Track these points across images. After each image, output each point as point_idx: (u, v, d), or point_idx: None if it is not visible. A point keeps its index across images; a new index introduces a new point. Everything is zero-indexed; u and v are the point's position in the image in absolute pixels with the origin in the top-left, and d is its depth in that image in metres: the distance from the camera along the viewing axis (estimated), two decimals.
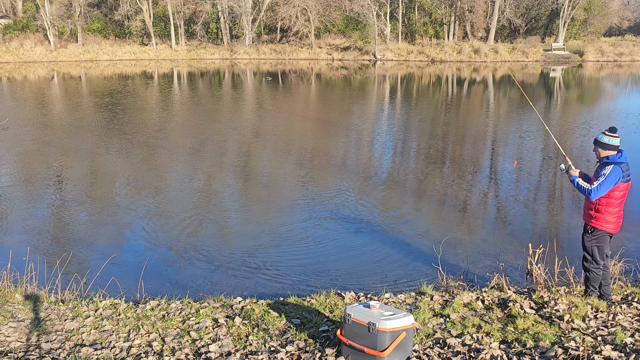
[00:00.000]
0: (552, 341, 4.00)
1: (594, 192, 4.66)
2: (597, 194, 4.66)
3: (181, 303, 4.96)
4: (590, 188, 4.68)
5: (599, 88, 27.46)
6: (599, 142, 4.76)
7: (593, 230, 4.83)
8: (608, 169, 4.66)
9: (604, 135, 4.76)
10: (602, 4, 45.63)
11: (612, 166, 4.66)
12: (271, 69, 36.40)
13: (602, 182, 4.64)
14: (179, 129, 15.75)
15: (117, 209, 8.54)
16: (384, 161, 12.09)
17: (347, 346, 3.76)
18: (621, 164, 4.67)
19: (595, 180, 4.71)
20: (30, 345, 4.12)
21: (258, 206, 8.66)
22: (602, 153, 4.76)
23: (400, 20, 43.40)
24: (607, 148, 4.73)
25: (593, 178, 4.81)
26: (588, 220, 4.87)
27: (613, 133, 4.74)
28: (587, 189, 4.70)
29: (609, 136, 4.73)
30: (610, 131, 4.75)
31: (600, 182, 4.64)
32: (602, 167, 4.73)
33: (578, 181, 4.79)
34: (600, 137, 4.75)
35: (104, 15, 45.50)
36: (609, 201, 4.73)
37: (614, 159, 4.71)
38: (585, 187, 4.71)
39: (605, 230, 4.84)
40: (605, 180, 4.63)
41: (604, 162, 4.73)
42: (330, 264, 6.39)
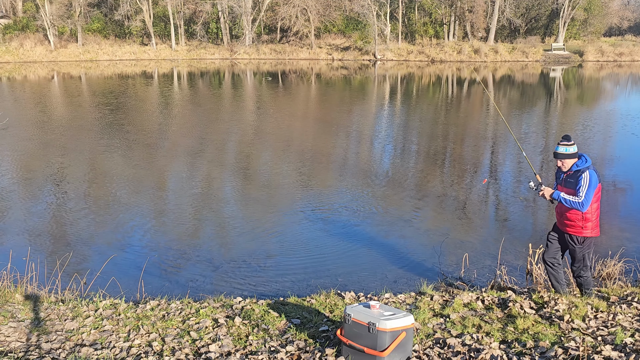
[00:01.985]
0: (552, 341, 4.00)
1: (585, 203, 4.58)
2: (587, 204, 4.59)
3: (181, 303, 4.96)
4: (580, 200, 4.58)
5: (599, 88, 27.46)
6: (564, 154, 4.72)
7: (584, 240, 4.79)
8: (585, 176, 4.62)
9: (563, 145, 4.72)
10: (602, 4, 45.63)
11: (587, 171, 4.62)
12: (271, 69, 36.40)
13: (587, 191, 4.58)
14: (178, 129, 15.75)
15: (117, 208, 8.54)
16: (383, 161, 12.09)
17: (347, 346, 3.76)
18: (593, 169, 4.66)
19: (578, 191, 4.61)
20: (30, 345, 4.12)
21: (258, 206, 8.66)
22: (568, 164, 4.73)
23: (400, 20, 43.40)
24: (572, 157, 4.70)
25: (570, 190, 4.70)
26: (577, 232, 4.78)
27: (569, 141, 4.72)
28: (577, 202, 4.60)
29: (566, 145, 4.71)
30: (566, 140, 4.73)
31: (586, 191, 4.58)
32: (576, 175, 4.67)
33: (564, 197, 4.68)
34: (565, 149, 4.71)
35: (104, 15, 45.50)
36: (595, 206, 4.71)
37: (584, 165, 4.67)
38: (575, 201, 4.61)
39: (596, 236, 4.83)
40: (589, 188, 4.58)
41: (575, 170, 4.69)
42: (330, 264, 6.39)
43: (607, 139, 14.11)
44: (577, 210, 4.64)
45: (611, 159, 11.90)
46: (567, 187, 4.75)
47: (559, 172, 4.91)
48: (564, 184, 4.80)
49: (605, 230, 7.41)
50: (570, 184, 4.72)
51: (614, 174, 10.48)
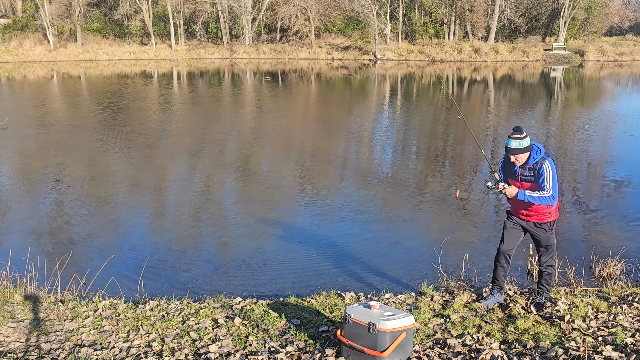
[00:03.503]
0: (553, 341, 4.00)
1: (555, 195, 4.38)
2: (556, 195, 4.40)
3: (181, 303, 4.95)
4: (550, 194, 4.37)
5: (599, 88, 27.45)
6: (518, 149, 4.41)
7: (553, 224, 4.63)
8: (547, 167, 4.40)
9: (515, 139, 4.42)
10: (603, 4, 45.63)
11: (546, 161, 4.40)
12: (271, 68, 36.39)
13: (553, 182, 4.39)
14: (178, 128, 15.74)
15: (116, 208, 8.53)
16: (384, 161, 12.09)
17: (347, 346, 3.75)
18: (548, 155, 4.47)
19: (543, 184, 4.38)
20: (29, 346, 4.11)
21: (258, 206, 8.65)
22: (523, 158, 4.46)
23: (401, 20, 43.39)
24: (527, 150, 4.43)
25: (530, 185, 4.47)
26: (545, 219, 4.59)
27: (521, 133, 4.43)
28: (548, 197, 4.38)
29: (519, 138, 4.41)
30: (517, 132, 4.43)
31: (552, 182, 4.38)
32: (535, 168, 4.43)
33: (531, 195, 4.41)
34: (519, 144, 4.41)
35: (103, 15, 45.49)
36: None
37: (540, 155, 4.44)
38: (545, 196, 4.38)
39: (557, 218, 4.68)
40: (553, 177, 4.39)
41: (532, 163, 4.44)
42: (330, 264, 6.38)
43: (607, 139, 14.10)
44: (547, 204, 4.43)
45: (611, 159, 11.89)
46: (525, 181, 4.51)
47: (510, 166, 4.61)
48: (521, 179, 4.54)
49: (606, 230, 7.42)
50: (529, 177, 4.48)
51: (614, 174, 10.48)
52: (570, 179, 10.34)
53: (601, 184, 9.88)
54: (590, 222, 7.83)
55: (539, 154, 4.44)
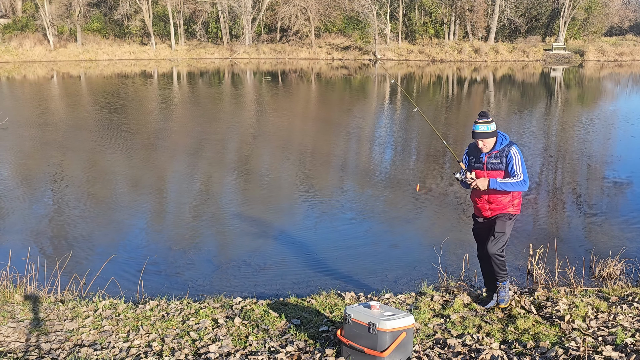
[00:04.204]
0: (553, 341, 3.99)
1: (526, 179, 4.24)
2: (527, 180, 4.26)
3: (181, 303, 4.95)
4: (522, 178, 4.22)
5: (599, 88, 27.45)
6: (485, 133, 4.27)
7: (512, 217, 4.47)
8: (515, 152, 4.27)
9: (482, 123, 4.29)
10: (603, 4, 45.62)
11: (513, 147, 4.30)
12: (271, 68, 36.38)
13: (523, 167, 4.26)
14: (178, 128, 15.74)
15: (117, 208, 8.53)
16: (384, 161, 12.08)
17: (347, 346, 3.75)
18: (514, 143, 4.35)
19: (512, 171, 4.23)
20: (29, 346, 4.11)
21: (258, 206, 8.65)
22: (490, 143, 4.32)
23: (401, 20, 43.39)
24: (494, 135, 4.30)
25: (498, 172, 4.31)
26: (507, 210, 4.44)
27: (488, 118, 4.31)
28: (520, 182, 4.22)
29: (486, 122, 4.28)
30: (484, 117, 4.31)
31: (522, 167, 4.24)
32: (502, 155, 4.29)
33: (502, 182, 4.25)
34: (487, 127, 4.27)
35: (103, 15, 45.50)
36: None
37: (506, 142, 4.33)
38: (517, 182, 4.22)
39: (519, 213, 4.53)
40: (522, 164, 4.27)
41: (499, 149, 4.31)
42: (330, 264, 6.38)
43: (607, 139, 14.10)
44: (521, 190, 4.29)
45: (611, 159, 11.89)
46: (493, 169, 4.34)
47: (476, 154, 4.43)
48: (488, 167, 4.36)
49: (606, 230, 7.42)
50: (496, 165, 4.32)
51: (614, 174, 10.47)
52: (570, 179, 10.34)
53: (601, 184, 9.88)
54: (590, 222, 7.83)
55: (505, 140, 4.34)
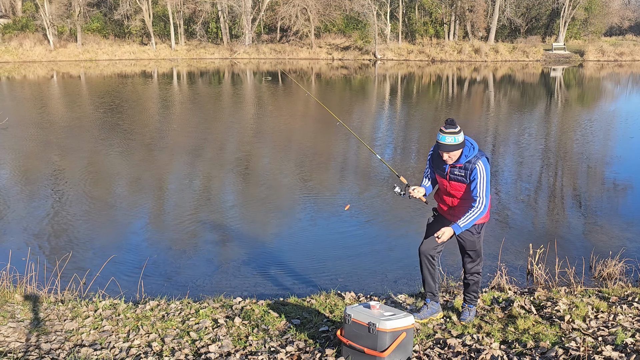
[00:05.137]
0: (553, 341, 3.99)
1: (486, 204, 3.91)
2: (488, 200, 3.93)
3: (181, 303, 4.95)
4: (482, 205, 3.89)
5: (599, 88, 27.45)
6: (452, 145, 3.84)
7: (481, 228, 4.19)
8: (480, 168, 3.88)
9: (449, 134, 3.85)
10: (603, 4, 45.62)
11: (480, 161, 3.89)
12: (271, 68, 36.38)
13: (486, 187, 3.90)
14: (178, 128, 15.74)
15: (116, 208, 8.53)
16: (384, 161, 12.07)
17: (347, 346, 3.75)
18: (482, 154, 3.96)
19: (475, 192, 3.90)
20: (29, 346, 4.11)
21: (258, 206, 8.65)
22: (456, 155, 3.92)
23: (401, 20, 43.39)
24: (461, 147, 3.89)
25: (460, 185, 3.99)
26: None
27: (455, 127, 3.87)
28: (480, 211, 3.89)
29: (454, 133, 3.84)
30: (452, 126, 3.87)
31: (485, 188, 3.89)
32: (467, 167, 3.91)
33: (465, 223, 3.92)
34: (454, 139, 3.85)
35: (103, 15, 45.49)
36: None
37: (473, 153, 3.92)
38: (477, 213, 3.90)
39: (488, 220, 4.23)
40: (487, 182, 3.91)
41: (464, 162, 3.92)
42: (330, 264, 6.38)
43: (607, 139, 14.10)
44: (482, 216, 3.96)
45: (611, 159, 11.89)
46: (455, 180, 4.01)
47: (440, 161, 4.04)
48: (450, 178, 4.02)
49: (606, 230, 7.42)
50: (460, 177, 3.97)
51: (614, 174, 10.47)
52: (570, 179, 10.34)
53: (601, 185, 9.88)
54: (590, 222, 7.83)
55: (471, 151, 3.92)
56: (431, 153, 4.23)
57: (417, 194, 4.18)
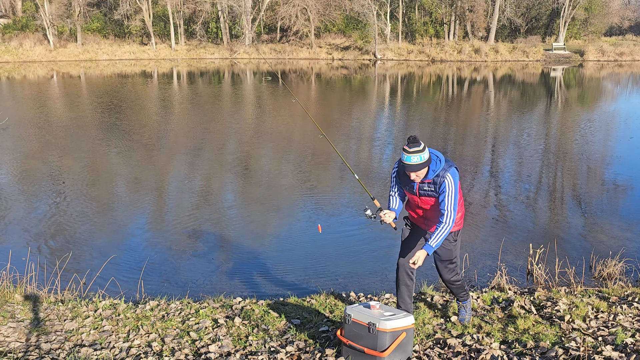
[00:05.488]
0: (553, 341, 3.99)
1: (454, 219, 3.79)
2: (455, 214, 3.80)
3: (181, 303, 4.95)
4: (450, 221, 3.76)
5: (599, 88, 27.45)
6: (418, 165, 3.69)
7: (457, 235, 4.08)
8: (449, 182, 3.74)
9: (414, 153, 3.67)
10: (603, 4, 45.62)
11: (448, 174, 3.74)
12: (271, 68, 36.38)
13: (455, 202, 3.77)
14: (178, 128, 15.74)
15: (117, 209, 8.53)
16: (384, 161, 12.08)
17: (347, 346, 3.75)
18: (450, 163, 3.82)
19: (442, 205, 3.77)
20: (29, 346, 4.11)
21: (258, 206, 8.65)
22: (423, 172, 3.78)
23: (401, 20, 43.39)
24: (427, 164, 3.74)
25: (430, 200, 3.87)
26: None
27: (419, 145, 3.69)
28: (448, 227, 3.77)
29: (418, 152, 3.68)
30: (415, 144, 3.68)
31: (453, 202, 3.76)
32: (436, 182, 3.77)
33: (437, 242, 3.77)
34: (419, 158, 3.68)
35: (103, 15, 45.49)
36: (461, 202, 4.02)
37: (440, 167, 3.76)
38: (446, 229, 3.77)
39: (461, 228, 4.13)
40: (455, 195, 3.77)
41: (432, 177, 3.78)
42: (330, 264, 6.38)
43: (607, 139, 14.10)
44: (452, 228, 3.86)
45: (611, 159, 11.89)
46: (426, 195, 3.89)
47: (407, 178, 3.88)
48: (421, 194, 3.90)
49: (606, 230, 7.42)
50: (429, 192, 3.85)
51: (614, 174, 10.47)
52: (570, 179, 10.34)
53: (601, 184, 9.88)
54: (590, 222, 7.83)
55: (439, 165, 3.77)
56: (396, 170, 4.02)
57: (387, 219, 4.02)
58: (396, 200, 4.12)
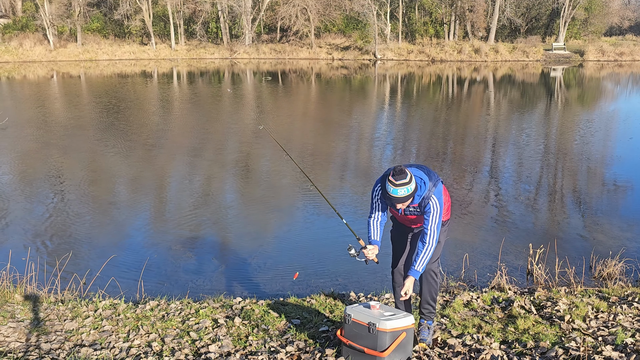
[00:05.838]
0: (553, 341, 3.99)
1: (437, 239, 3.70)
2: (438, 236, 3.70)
3: (181, 303, 4.95)
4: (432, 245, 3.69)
5: (599, 88, 27.45)
6: (406, 197, 3.54)
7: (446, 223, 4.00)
8: (434, 204, 3.62)
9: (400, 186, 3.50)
10: (603, 4, 45.61)
11: (433, 196, 3.62)
12: (271, 68, 36.38)
13: (438, 223, 3.67)
14: (178, 128, 15.74)
15: (116, 208, 8.53)
16: (384, 161, 12.08)
17: (347, 346, 3.75)
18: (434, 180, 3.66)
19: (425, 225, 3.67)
20: (29, 346, 4.11)
21: (258, 206, 8.65)
22: (409, 201, 3.62)
23: (401, 20, 43.39)
24: (414, 194, 3.59)
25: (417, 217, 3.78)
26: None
27: (405, 177, 3.50)
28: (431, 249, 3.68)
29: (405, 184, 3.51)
30: (401, 177, 3.50)
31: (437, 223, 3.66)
32: (423, 204, 3.67)
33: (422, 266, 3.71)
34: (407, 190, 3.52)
35: (103, 15, 45.49)
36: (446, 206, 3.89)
37: (425, 190, 3.62)
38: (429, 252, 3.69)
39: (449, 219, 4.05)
40: (439, 217, 3.67)
41: (418, 202, 3.66)
42: (330, 264, 6.38)
43: (607, 139, 14.11)
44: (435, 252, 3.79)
45: (611, 159, 11.89)
46: (411, 214, 3.82)
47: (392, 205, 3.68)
48: (406, 212, 3.81)
49: (606, 230, 7.42)
50: (415, 212, 3.77)
51: (614, 174, 10.47)
52: (570, 179, 10.34)
53: (601, 184, 9.88)
54: (590, 222, 7.83)
55: (423, 188, 3.61)
56: (379, 193, 3.80)
57: (371, 255, 3.91)
58: (377, 230, 3.94)
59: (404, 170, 3.53)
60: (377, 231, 3.97)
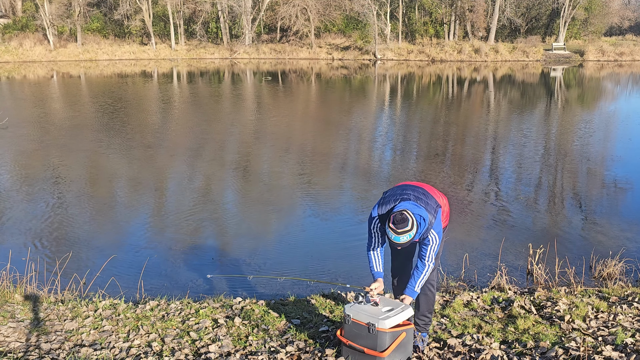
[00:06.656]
0: (553, 341, 3.99)
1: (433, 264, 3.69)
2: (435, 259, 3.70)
3: (181, 303, 4.95)
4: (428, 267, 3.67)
5: (599, 88, 27.45)
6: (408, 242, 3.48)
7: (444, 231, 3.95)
8: (432, 237, 3.61)
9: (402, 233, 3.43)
10: (603, 4, 45.61)
11: (432, 230, 3.60)
12: (271, 68, 36.38)
13: (435, 252, 3.68)
14: (178, 128, 15.74)
15: (117, 208, 8.53)
16: (384, 161, 12.08)
17: (347, 346, 3.75)
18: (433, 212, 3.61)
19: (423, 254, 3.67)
20: (29, 346, 4.11)
21: (258, 206, 8.65)
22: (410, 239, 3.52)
23: (401, 20, 43.39)
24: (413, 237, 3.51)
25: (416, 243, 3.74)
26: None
27: (407, 225, 3.42)
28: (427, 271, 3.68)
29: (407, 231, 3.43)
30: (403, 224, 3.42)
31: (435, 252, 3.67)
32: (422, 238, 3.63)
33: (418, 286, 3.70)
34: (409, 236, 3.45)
35: (103, 15, 45.49)
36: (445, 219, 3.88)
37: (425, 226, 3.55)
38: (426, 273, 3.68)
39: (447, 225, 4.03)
40: (437, 245, 3.67)
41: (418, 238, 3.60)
42: (330, 264, 6.38)
43: (607, 139, 14.11)
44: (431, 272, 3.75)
45: (611, 159, 11.89)
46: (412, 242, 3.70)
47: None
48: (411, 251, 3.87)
49: (606, 230, 7.42)
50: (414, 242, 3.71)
51: (614, 174, 10.47)
52: (570, 179, 10.34)
53: (601, 184, 9.88)
54: (590, 222, 7.83)
55: (423, 225, 3.55)
56: (377, 225, 3.76)
57: (377, 298, 3.78)
58: (379, 260, 3.86)
59: (405, 217, 3.43)
60: (379, 262, 3.89)
